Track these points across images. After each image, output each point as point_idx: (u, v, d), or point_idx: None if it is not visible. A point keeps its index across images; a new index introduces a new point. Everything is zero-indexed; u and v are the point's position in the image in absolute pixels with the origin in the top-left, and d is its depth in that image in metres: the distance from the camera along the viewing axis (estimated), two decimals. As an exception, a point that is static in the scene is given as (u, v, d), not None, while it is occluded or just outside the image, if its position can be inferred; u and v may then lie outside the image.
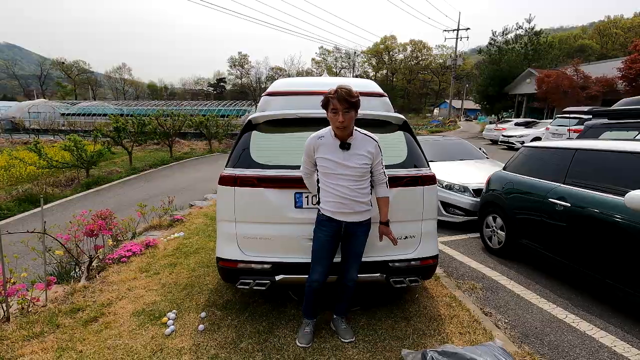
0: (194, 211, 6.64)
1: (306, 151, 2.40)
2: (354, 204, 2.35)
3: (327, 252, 2.46)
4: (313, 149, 2.37)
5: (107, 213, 4.53)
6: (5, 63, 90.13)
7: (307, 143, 2.40)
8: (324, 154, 2.33)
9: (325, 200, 2.40)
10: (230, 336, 2.64)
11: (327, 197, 2.38)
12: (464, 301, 3.21)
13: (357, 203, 2.35)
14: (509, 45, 31.96)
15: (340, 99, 2.18)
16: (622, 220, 2.88)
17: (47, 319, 2.83)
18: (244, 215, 2.67)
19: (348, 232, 2.43)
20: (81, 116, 33.07)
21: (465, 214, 5.51)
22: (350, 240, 2.47)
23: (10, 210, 8.20)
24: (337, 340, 2.61)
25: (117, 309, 3.02)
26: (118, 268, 3.94)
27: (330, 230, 2.42)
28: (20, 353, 2.41)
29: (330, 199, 2.36)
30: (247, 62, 76.83)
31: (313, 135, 2.41)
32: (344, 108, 2.19)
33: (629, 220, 2.83)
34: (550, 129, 15.19)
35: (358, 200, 2.34)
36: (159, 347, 2.50)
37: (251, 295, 3.24)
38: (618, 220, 2.91)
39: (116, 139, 13.21)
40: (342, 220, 2.38)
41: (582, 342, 2.70)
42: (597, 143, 3.61)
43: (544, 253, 3.73)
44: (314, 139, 2.38)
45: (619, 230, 2.91)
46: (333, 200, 2.35)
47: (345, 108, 2.19)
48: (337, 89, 2.21)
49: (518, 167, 4.44)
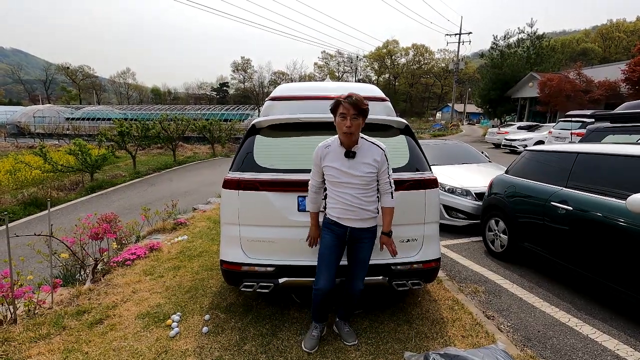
0: (197, 215, 6.67)
1: (314, 160, 2.42)
2: (361, 211, 2.36)
3: (333, 254, 2.45)
4: (320, 158, 2.39)
5: (112, 216, 4.58)
6: (11, 68, 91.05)
7: (315, 152, 2.42)
8: (330, 162, 2.35)
9: (331, 207, 2.43)
10: (234, 338, 2.66)
11: (333, 204, 2.41)
12: (466, 304, 3.21)
13: (364, 210, 2.36)
14: (511, 49, 31.98)
15: (352, 104, 2.20)
16: (623, 223, 2.89)
17: (53, 320, 2.86)
18: (248, 218, 2.70)
19: (353, 238, 2.43)
20: (85, 120, 33.35)
21: (468, 217, 5.52)
22: (356, 247, 2.46)
23: (15, 214, 8.27)
24: (340, 342, 2.62)
25: (122, 311, 3.05)
26: (123, 271, 3.97)
27: (335, 233, 2.43)
28: (27, 354, 2.44)
29: (337, 206, 2.38)
30: (250, 67, 77.43)
31: (320, 144, 2.43)
32: (353, 114, 2.21)
33: (630, 224, 2.84)
34: (553, 133, 15.19)
35: (364, 208, 2.36)
36: (163, 349, 2.53)
37: (254, 298, 3.26)
38: (620, 223, 2.92)
39: (120, 143, 13.30)
40: (348, 225, 2.40)
41: (584, 346, 2.70)
42: (598, 147, 3.62)
43: (546, 256, 3.73)
44: (321, 147, 2.41)
45: (620, 233, 2.92)
46: (339, 207, 2.37)
47: (354, 114, 2.21)
48: (350, 94, 2.24)
49: (520, 171, 4.46)
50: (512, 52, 31.62)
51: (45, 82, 74.69)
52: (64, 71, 72.81)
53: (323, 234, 2.50)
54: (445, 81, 72.37)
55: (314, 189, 2.48)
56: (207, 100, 73.23)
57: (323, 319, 2.67)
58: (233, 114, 30.46)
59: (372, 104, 3.36)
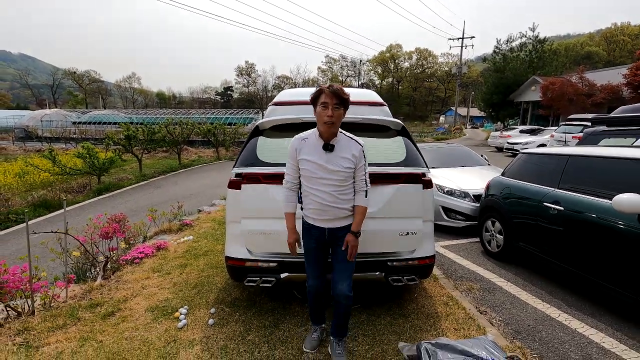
0: (202, 216, 6.86)
1: (290, 153, 2.37)
2: (336, 210, 2.31)
3: (316, 257, 2.45)
4: (296, 150, 2.33)
5: (121, 217, 4.76)
6: (19, 73, 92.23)
7: (290, 144, 2.37)
8: (306, 155, 2.29)
9: (306, 207, 2.39)
10: (238, 330, 2.82)
11: (308, 203, 2.37)
12: (460, 300, 3.35)
13: (338, 209, 2.32)
14: (513, 53, 32.09)
15: (333, 92, 2.16)
16: (611, 222, 3.03)
17: (69, 312, 3.05)
18: (250, 211, 2.84)
19: (332, 239, 2.39)
20: (92, 124, 33.81)
21: (466, 219, 5.65)
22: (336, 247, 2.40)
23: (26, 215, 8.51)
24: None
25: (133, 305, 3.23)
26: (132, 268, 4.15)
27: (314, 237, 2.41)
28: (46, 342, 2.63)
29: (311, 206, 2.34)
30: (254, 71, 77.96)
31: (297, 136, 2.39)
32: (335, 103, 2.17)
33: (616, 223, 2.97)
34: (555, 136, 15.26)
35: (338, 206, 2.30)
36: (172, 339, 2.69)
37: (258, 293, 3.42)
38: (607, 222, 3.06)
39: (127, 147, 13.56)
40: (324, 226, 2.37)
41: (572, 339, 2.83)
42: (588, 149, 3.76)
43: (539, 255, 3.86)
44: (297, 139, 2.36)
45: (608, 231, 3.06)
46: (313, 207, 2.33)
47: (336, 104, 2.17)
48: (330, 84, 2.22)
49: (515, 173, 4.59)
50: (515, 56, 31.70)
51: (52, 87, 75.67)
52: (70, 76, 73.75)
53: (303, 237, 2.48)
54: (448, 85, 72.53)
55: (289, 184, 2.41)
56: (211, 104, 73.75)
57: (320, 321, 2.68)
58: (237, 117, 30.74)
59: (372, 108, 3.55)
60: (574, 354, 2.63)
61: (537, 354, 2.64)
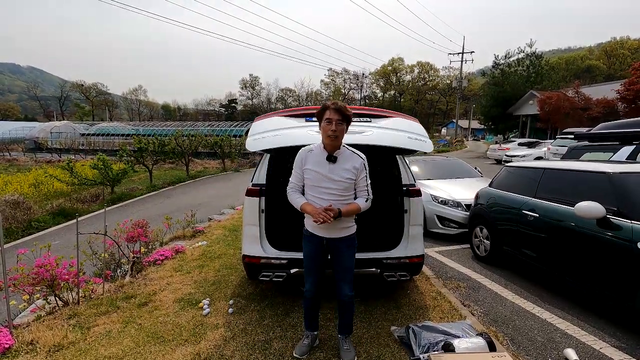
0: (213, 224, 7.37)
1: (296, 163, 2.54)
2: (335, 221, 2.40)
3: (315, 264, 2.60)
4: (302, 161, 2.51)
5: (144, 222, 5.28)
6: (28, 85, 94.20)
7: (297, 155, 2.55)
8: (311, 165, 2.46)
9: (308, 216, 2.52)
10: (255, 317, 3.30)
11: None
12: (447, 296, 3.81)
13: (338, 220, 2.43)
14: (511, 68, 32.88)
15: (337, 109, 2.35)
16: (574, 226, 3.51)
17: (109, 302, 3.55)
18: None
19: (331, 247, 2.53)
20: (100, 136, 34.66)
21: (459, 226, 6.11)
22: (336, 256, 2.55)
23: (46, 223, 9.05)
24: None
25: (162, 297, 3.72)
26: (155, 269, 4.64)
27: (313, 244, 2.55)
28: (95, 324, 3.13)
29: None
30: (257, 84, 79.52)
31: (303, 148, 2.58)
32: (338, 119, 2.34)
33: (578, 227, 3.46)
34: (551, 149, 15.77)
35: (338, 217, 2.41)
36: (199, 323, 3.18)
37: (270, 289, 3.89)
38: (571, 226, 3.54)
39: (139, 158, 14.16)
40: (323, 236, 2.51)
41: (541, 326, 3.28)
42: (560, 164, 4.27)
43: (520, 258, 4.33)
44: (304, 151, 2.55)
45: (572, 234, 3.54)
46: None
47: (339, 119, 2.35)
48: (334, 101, 2.40)
49: (500, 184, 5.09)
50: (513, 71, 32.51)
51: (60, 99, 77.24)
52: (78, 88, 75.30)
53: (303, 244, 2.63)
54: (450, 97, 73.43)
55: (295, 187, 2.56)
56: (215, 116, 75.02)
57: (313, 327, 2.80)
58: (242, 130, 31.52)
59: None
60: (540, 337, 3.09)
61: (508, 337, 3.10)
